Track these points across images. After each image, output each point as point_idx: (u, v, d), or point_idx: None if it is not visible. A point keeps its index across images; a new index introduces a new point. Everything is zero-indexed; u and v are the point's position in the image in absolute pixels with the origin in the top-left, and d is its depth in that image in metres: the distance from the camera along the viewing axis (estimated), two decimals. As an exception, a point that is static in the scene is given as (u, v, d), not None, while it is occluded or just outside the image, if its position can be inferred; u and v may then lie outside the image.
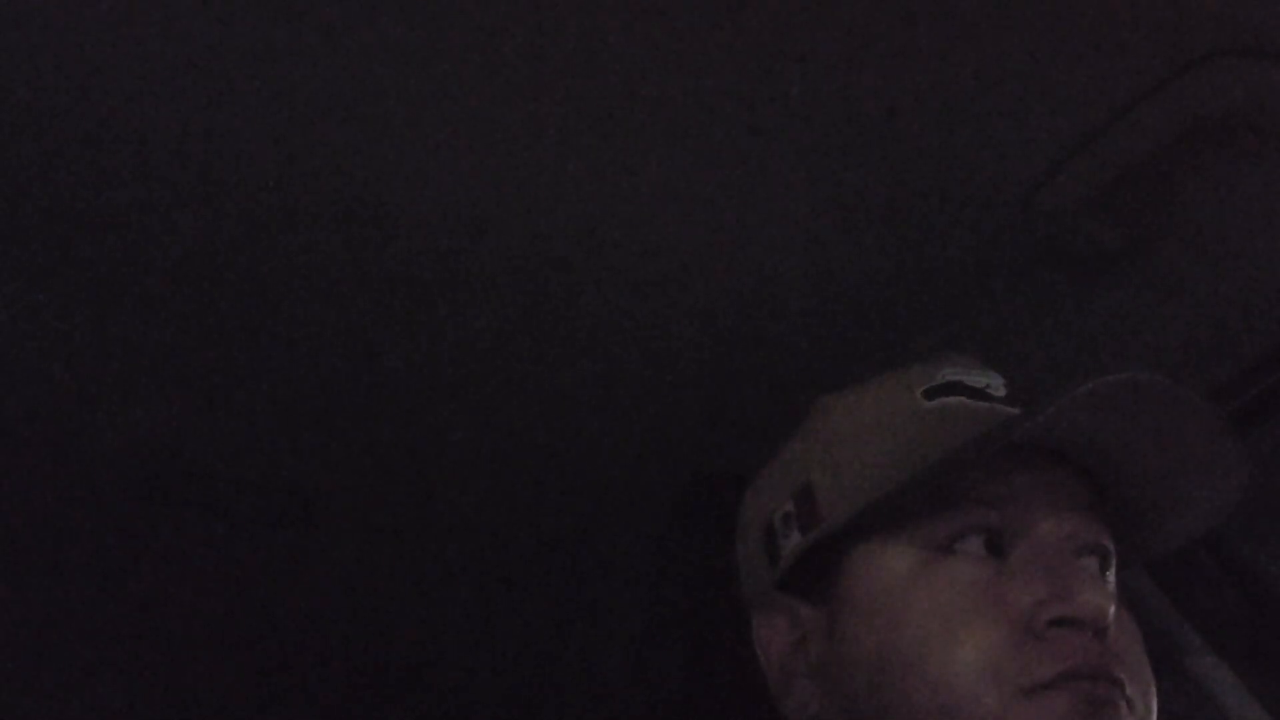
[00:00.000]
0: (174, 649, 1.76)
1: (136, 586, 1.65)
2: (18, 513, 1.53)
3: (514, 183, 1.08)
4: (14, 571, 1.62)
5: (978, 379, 0.85)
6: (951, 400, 0.83)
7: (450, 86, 0.99)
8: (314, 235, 1.14)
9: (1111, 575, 0.81)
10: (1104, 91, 0.97)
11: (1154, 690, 0.77)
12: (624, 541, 1.48)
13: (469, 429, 1.39)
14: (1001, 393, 0.84)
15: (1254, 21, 0.91)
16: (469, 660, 1.76)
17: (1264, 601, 1.27)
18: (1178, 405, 0.76)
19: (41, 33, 0.97)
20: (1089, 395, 0.75)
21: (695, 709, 1.20)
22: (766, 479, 0.89)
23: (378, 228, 1.13)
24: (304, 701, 1.84)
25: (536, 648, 1.72)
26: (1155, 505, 0.82)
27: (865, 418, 0.85)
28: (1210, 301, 1.12)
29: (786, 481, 0.87)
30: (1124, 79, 0.95)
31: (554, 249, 1.15)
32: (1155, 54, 0.93)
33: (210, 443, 1.43)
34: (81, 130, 1.04)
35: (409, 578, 1.63)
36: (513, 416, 1.36)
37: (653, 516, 1.38)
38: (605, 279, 1.18)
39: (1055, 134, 1.00)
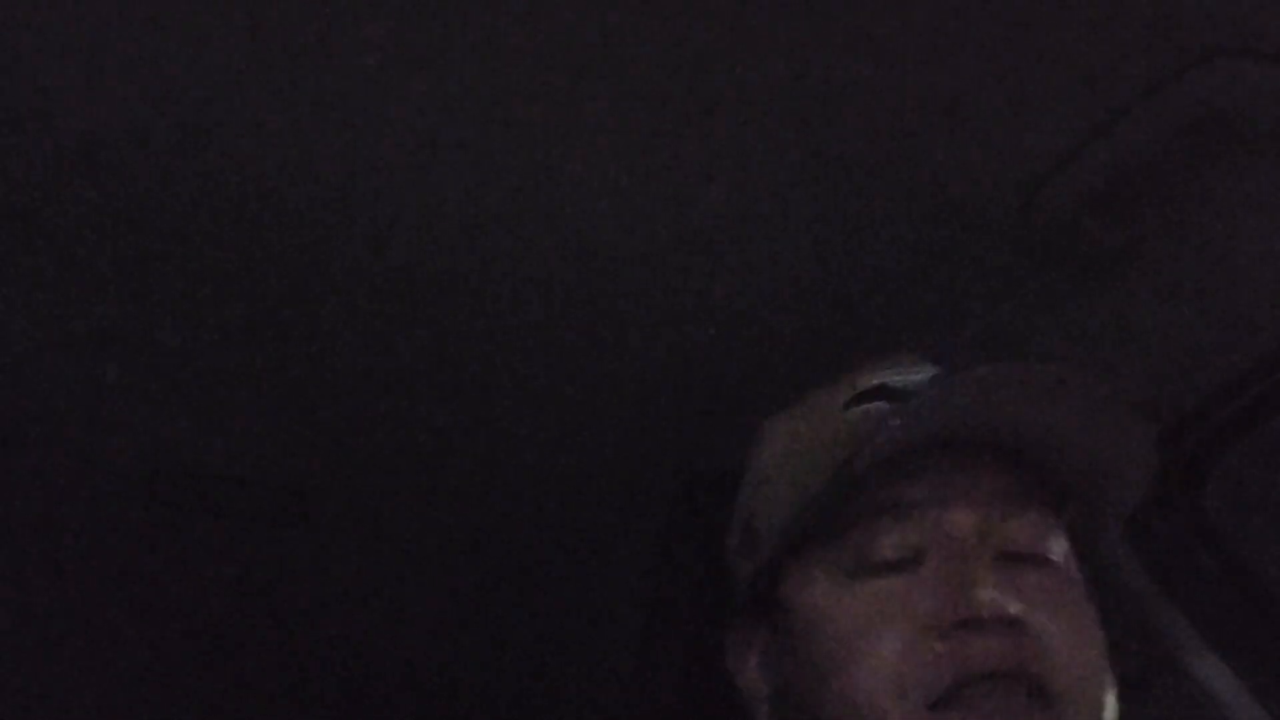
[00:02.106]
0: (174, 649, 1.76)
1: (137, 586, 1.65)
2: (18, 513, 1.53)
3: (513, 183, 1.08)
4: (15, 571, 1.62)
5: (905, 378, 0.80)
6: (870, 407, 0.79)
7: (453, 83, 0.99)
8: (315, 235, 1.14)
9: (1056, 559, 0.77)
10: (1104, 91, 0.96)
11: (1100, 682, 0.75)
12: (623, 541, 1.48)
13: (468, 429, 1.39)
14: None
15: (1254, 21, 0.91)
16: (468, 660, 1.76)
17: (1264, 601, 1.27)
18: (1079, 390, 0.75)
19: (45, 33, 0.97)
20: (963, 385, 0.74)
21: (693, 709, 1.20)
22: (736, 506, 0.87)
23: (379, 227, 1.13)
24: (304, 701, 1.84)
25: (535, 648, 1.72)
26: (1083, 487, 0.79)
27: (791, 440, 0.83)
28: (1210, 301, 1.12)
29: (739, 511, 0.85)
30: (1124, 79, 0.95)
31: (554, 249, 1.15)
32: (1155, 54, 0.93)
33: (210, 443, 1.43)
34: (84, 131, 1.04)
35: (408, 577, 1.63)
36: (512, 416, 1.36)
37: (652, 516, 1.38)
38: (605, 279, 1.18)
39: (1055, 134, 1.00)
